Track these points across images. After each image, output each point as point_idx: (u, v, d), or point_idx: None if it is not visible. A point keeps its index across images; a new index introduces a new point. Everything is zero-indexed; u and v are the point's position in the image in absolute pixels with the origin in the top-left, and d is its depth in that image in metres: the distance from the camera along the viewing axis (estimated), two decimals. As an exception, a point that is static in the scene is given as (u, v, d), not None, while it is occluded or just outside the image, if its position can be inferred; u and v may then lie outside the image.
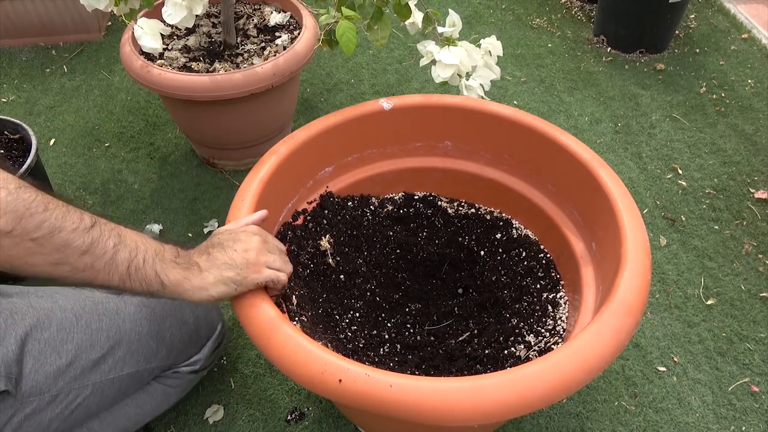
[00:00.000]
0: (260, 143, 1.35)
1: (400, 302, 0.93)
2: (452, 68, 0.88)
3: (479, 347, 0.80)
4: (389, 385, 0.56)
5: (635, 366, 1.03)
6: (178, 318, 0.84)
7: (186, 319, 0.85)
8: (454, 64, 0.87)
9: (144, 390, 0.84)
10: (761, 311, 1.11)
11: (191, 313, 0.86)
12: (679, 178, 1.39)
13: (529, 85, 1.69)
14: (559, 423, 0.95)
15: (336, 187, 0.96)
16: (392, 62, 1.77)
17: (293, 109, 1.41)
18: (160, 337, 0.81)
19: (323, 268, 0.90)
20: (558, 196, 0.90)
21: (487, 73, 0.93)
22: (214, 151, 1.36)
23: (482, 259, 0.95)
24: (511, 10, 2.02)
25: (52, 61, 1.76)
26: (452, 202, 1.01)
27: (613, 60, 1.78)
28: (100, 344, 0.75)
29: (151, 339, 0.80)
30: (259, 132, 1.33)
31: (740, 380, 1.01)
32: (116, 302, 0.79)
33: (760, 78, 1.70)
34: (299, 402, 0.98)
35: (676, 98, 1.63)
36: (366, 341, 0.83)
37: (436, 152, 0.99)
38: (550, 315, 0.82)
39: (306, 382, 0.59)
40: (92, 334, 0.75)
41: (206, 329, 0.89)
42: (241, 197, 0.77)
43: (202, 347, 0.89)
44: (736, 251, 1.22)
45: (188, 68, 1.24)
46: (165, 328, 0.81)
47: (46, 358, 0.71)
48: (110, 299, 0.79)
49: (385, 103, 0.92)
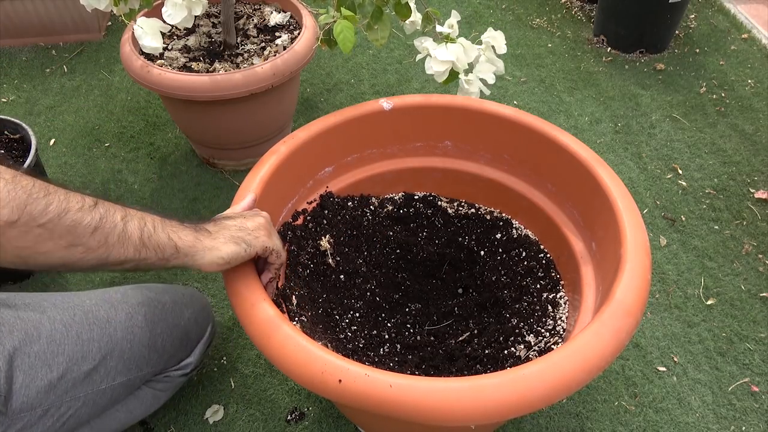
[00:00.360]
0: (260, 143, 1.35)
1: (400, 302, 0.93)
2: (447, 64, 0.87)
3: (479, 347, 0.80)
4: (389, 385, 0.56)
5: (635, 366, 1.03)
6: (169, 322, 0.83)
7: (177, 322, 0.84)
8: (449, 61, 0.86)
9: (134, 395, 0.83)
10: (761, 311, 1.11)
11: (182, 316, 0.85)
12: (679, 178, 1.39)
13: (529, 85, 1.69)
14: (559, 423, 0.95)
15: (336, 187, 0.96)
16: (392, 62, 1.77)
17: (293, 109, 1.41)
18: (152, 343, 0.79)
19: (323, 268, 0.90)
20: (558, 196, 0.90)
21: (488, 68, 0.92)
22: (214, 151, 1.36)
23: (482, 259, 0.95)
24: (511, 10, 2.02)
25: (52, 61, 1.76)
26: (452, 202, 1.01)
27: (613, 60, 1.78)
28: (92, 355, 0.73)
29: (143, 347, 0.78)
30: (259, 132, 1.34)
31: (740, 380, 1.01)
32: (107, 310, 0.78)
33: (760, 78, 1.70)
34: (299, 402, 0.98)
35: (676, 98, 1.63)
36: (366, 341, 0.83)
37: (436, 152, 0.99)
38: (550, 315, 0.82)
39: (306, 382, 0.59)
40: (83, 345, 0.73)
41: (197, 331, 0.88)
42: (241, 197, 0.77)
43: (193, 350, 0.88)
44: (736, 251, 1.22)
45: (188, 68, 1.23)
46: (157, 335, 0.80)
47: (37, 372, 0.69)
48: (100, 307, 0.78)
49: (385, 103, 0.92)
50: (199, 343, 0.89)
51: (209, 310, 0.94)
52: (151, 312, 0.81)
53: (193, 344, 0.88)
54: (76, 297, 0.80)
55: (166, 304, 0.84)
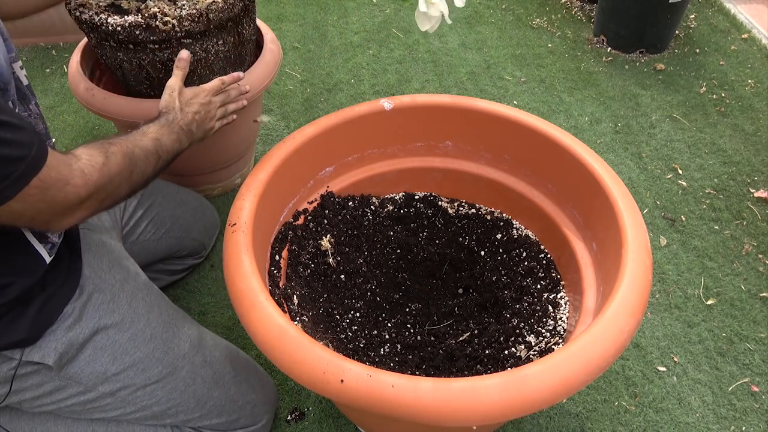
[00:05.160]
0: (217, 170, 1.27)
1: (401, 302, 0.93)
2: None
3: (479, 347, 0.80)
4: (391, 386, 0.56)
5: (635, 366, 1.03)
6: (229, 395, 0.81)
7: (236, 399, 0.82)
8: None
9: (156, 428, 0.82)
10: (761, 311, 1.11)
11: (244, 397, 0.83)
12: (679, 178, 1.39)
13: (529, 85, 1.69)
14: (559, 423, 0.95)
15: (337, 187, 0.96)
16: (392, 62, 1.77)
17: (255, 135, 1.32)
18: (202, 401, 0.79)
19: (324, 268, 0.90)
20: (558, 196, 0.90)
21: None
22: (171, 177, 1.26)
23: (482, 259, 0.95)
24: (511, 10, 2.02)
25: (52, 61, 1.76)
26: (453, 202, 1.01)
27: (613, 60, 1.78)
28: (149, 374, 0.75)
29: (193, 397, 0.78)
30: (216, 158, 1.24)
31: (740, 380, 1.01)
32: (190, 347, 0.79)
33: (760, 78, 1.70)
34: (299, 402, 0.98)
35: (676, 98, 1.63)
36: (366, 341, 0.83)
37: (436, 152, 0.99)
38: (550, 315, 0.82)
39: (308, 382, 0.59)
40: (150, 361, 0.75)
41: (247, 418, 0.85)
42: (242, 197, 0.77)
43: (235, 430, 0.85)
44: (736, 251, 1.22)
45: (116, 6, 1.00)
46: (212, 397, 0.80)
47: (102, 357, 0.72)
48: (186, 342, 0.78)
49: (386, 103, 0.92)
50: (243, 429, 0.86)
51: (271, 407, 0.90)
52: (222, 374, 0.81)
53: (237, 426, 0.85)
54: (181, 318, 0.81)
55: (239, 377, 0.83)
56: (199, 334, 0.82)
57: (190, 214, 1.09)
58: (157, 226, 1.02)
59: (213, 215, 1.17)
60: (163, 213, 1.03)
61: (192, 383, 0.78)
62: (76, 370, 0.71)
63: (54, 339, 0.69)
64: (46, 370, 0.69)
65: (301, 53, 1.81)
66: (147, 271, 1.01)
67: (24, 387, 0.70)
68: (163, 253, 1.05)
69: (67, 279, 0.71)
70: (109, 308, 0.73)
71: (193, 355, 0.79)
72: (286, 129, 1.53)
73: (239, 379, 0.83)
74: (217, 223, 1.20)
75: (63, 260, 0.72)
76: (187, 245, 1.09)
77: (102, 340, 0.72)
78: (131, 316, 0.75)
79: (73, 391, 0.72)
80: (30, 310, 0.67)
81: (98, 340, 0.72)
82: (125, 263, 0.81)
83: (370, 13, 2.00)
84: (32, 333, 0.67)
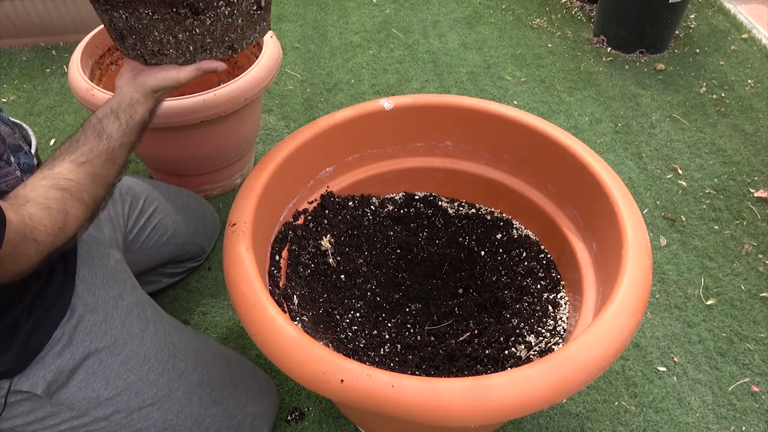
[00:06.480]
0: (218, 170, 1.28)
1: (401, 302, 0.93)
2: None
3: (480, 347, 0.80)
4: (391, 386, 0.56)
5: (635, 366, 1.03)
6: (228, 409, 0.80)
7: (234, 414, 0.81)
8: None
9: None
10: (761, 311, 1.11)
11: (243, 410, 0.82)
12: (679, 178, 1.39)
13: (529, 85, 1.69)
14: (559, 423, 0.95)
15: (337, 187, 0.96)
16: (392, 62, 1.77)
17: (255, 135, 1.33)
18: (199, 420, 0.78)
19: (324, 268, 0.90)
20: (558, 196, 0.90)
21: None
22: (170, 178, 1.28)
23: (482, 259, 0.95)
24: (511, 10, 2.02)
25: (52, 61, 1.76)
26: (453, 202, 1.01)
27: (613, 60, 1.78)
28: (144, 397, 0.73)
29: (190, 417, 0.77)
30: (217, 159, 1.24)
31: (740, 380, 1.01)
32: (187, 365, 0.77)
33: (760, 78, 1.70)
34: (299, 402, 0.98)
35: (676, 98, 1.63)
36: (366, 341, 0.83)
37: (436, 152, 0.99)
38: (550, 315, 0.82)
39: (308, 382, 0.59)
40: (143, 384, 0.73)
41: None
42: (242, 197, 0.77)
43: None
44: (736, 251, 1.22)
45: None
46: (208, 415, 0.78)
47: (95, 382, 0.70)
48: (182, 360, 0.77)
49: (386, 103, 0.92)
50: None
51: (271, 417, 0.88)
52: (220, 391, 0.79)
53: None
54: (177, 333, 0.79)
55: (238, 391, 0.82)
56: (196, 348, 0.80)
57: (191, 219, 1.08)
58: (159, 233, 1.01)
59: (213, 219, 1.17)
60: (166, 219, 1.02)
61: (188, 404, 0.76)
62: (67, 396, 0.69)
63: (42, 367, 0.66)
64: (36, 397, 0.68)
65: (301, 53, 1.81)
66: (146, 275, 1.01)
67: (15, 414, 0.68)
68: (164, 259, 1.05)
69: (58, 299, 0.69)
70: (101, 330, 0.71)
71: (190, 374, 0.77)
72: (286, 129, 1.53)
73: (239, 394, 0.82)
74: (217, 226, 1.19)
75: (57, 273, 0.70)
76: (189, 250, 1.09)
77: (93, 365, 0.70)
78: (124, 337, 0.73)
79: (66, 416, 0.70)
80: (16, 340, 0.64)
81: (89, 365, 0.70)
82: (122, 276, 0.79)
83: (370, 13, 2.00)
84: (19, 363, 0.65)
